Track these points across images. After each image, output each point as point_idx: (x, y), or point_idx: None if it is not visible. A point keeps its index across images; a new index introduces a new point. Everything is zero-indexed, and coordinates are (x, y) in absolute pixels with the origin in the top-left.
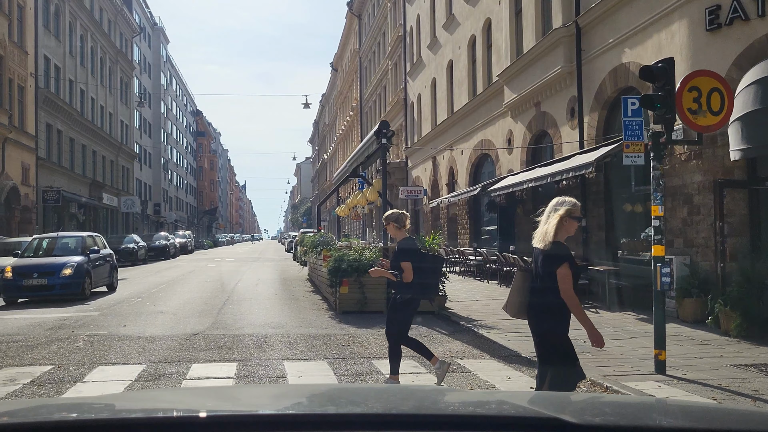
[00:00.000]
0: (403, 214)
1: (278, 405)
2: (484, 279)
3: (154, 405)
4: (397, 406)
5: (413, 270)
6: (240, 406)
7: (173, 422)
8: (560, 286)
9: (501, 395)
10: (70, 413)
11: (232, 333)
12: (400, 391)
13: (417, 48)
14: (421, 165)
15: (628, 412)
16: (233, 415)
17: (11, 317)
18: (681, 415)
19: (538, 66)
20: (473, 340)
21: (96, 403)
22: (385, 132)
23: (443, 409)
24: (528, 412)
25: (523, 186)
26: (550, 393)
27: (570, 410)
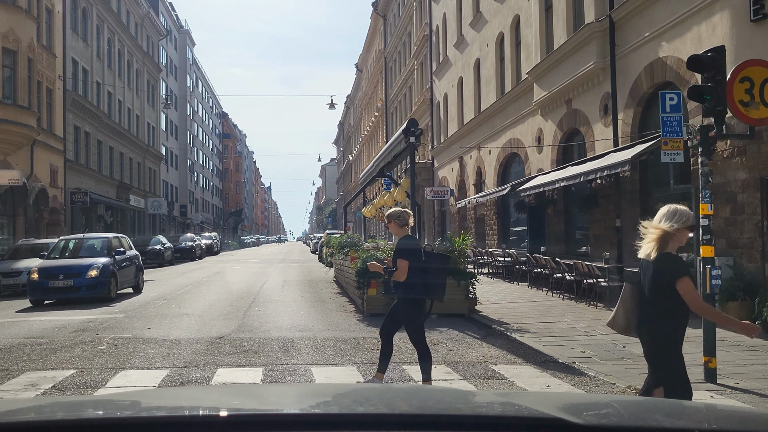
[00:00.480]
0: (406, 212)
1: (280, 404)
2: (513, 281)
3: (178, 403)
4: (399, 406)
5: (413, 270)
6: (247, 405)
7: (186, 422)
8: (688, 300)
9: (504, 395)
10: (96, 410)
11: (258, 336)
12: (401, 390)
13: (443, 47)
14: (448, 165)
15: (630, 413)
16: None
17: (37, 319)
18: (683, 416)
19: (570, 62)
20: (507, 344)
21: (122, 400)
22: (413, 130)
23: (446, 410)
24: (530, 412)
25: (555, 185)
26: (552, 392)
27: (572, 410)
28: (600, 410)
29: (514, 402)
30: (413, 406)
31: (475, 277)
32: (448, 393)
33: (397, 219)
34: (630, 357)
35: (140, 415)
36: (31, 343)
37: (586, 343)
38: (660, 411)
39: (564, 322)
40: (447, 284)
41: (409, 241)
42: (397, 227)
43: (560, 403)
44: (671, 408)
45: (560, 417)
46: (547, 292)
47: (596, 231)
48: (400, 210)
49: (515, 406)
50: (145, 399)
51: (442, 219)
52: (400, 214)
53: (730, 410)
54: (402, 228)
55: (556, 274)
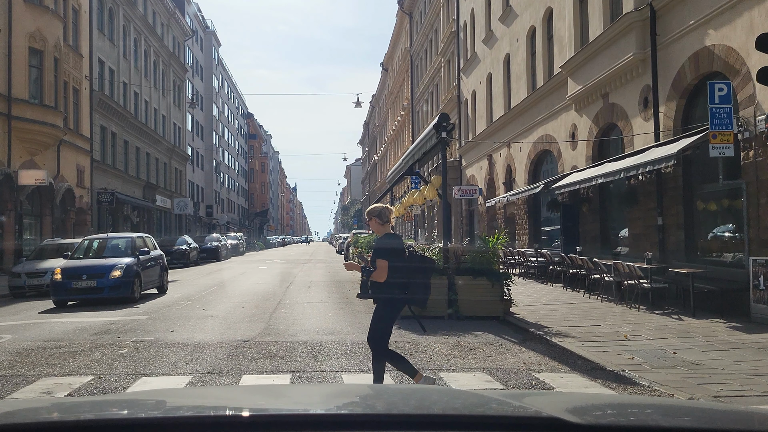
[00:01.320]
0: (387, 209)
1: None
2: (547, 282)
3: (203, 402)
4: (397, 405)
5: (394, 270)
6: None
7: (211, 422)
8: None
9: (502, 395)
10: (120, 410)
11: (284, 340)
12: (399, 390)
13: (471, 43)
14: (476, 163)
15: (629, 412)
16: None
17: (58, 320)
18: (683, 415)
19: (606, 55)
20: (547, 349)
21: (147, 400)
22: (444, 125)
23: (444, 409)
24: (528, 411)
25: (592, 182)
26: (551, 392)
27: (571, 410)
28: (599, 409)
29: (512, 402)
30: (410, 405)
31: (510, 278)
32: (442, 392)
33: (378, 216)
34: (683, 364)
35: (166, 415)
36: (51, 347)
37: (632, 349)
38: (660, 411)
39: (606, 326)
40: (480, 285)
41: (389, 240)
42: (378, 225)
43: (559, 403)
44: (672, 407)
45: (559, 417)
46: (584, 294)
47: (635, 230)
48: (380, 206)
49: (514, 405)
50: (170, 398)
51: (470, 218)
52: (381, 210)
53: (730, 410)
54: (383, 226)
55: (593, 275)
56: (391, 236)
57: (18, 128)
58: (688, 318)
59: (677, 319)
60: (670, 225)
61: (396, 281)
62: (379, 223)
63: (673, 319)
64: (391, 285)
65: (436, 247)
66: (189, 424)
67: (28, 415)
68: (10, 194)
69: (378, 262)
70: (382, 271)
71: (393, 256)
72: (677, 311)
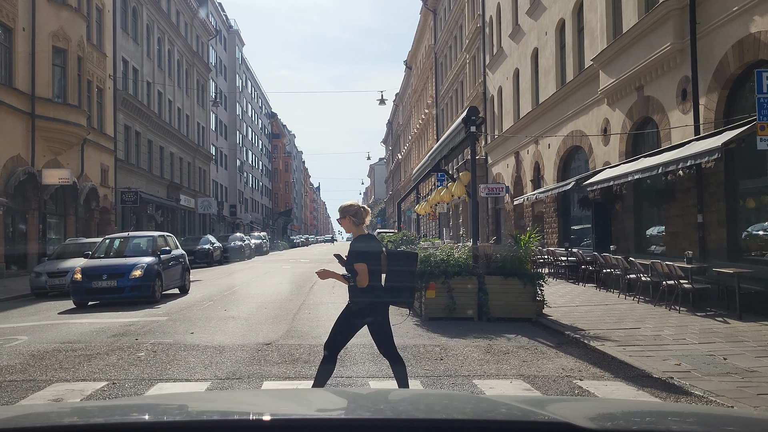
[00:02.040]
0: (364, 209)
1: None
2: (578, 281)
3: (228, 407)
4: (407, 411)
5: (374, 274)
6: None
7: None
8: None
9: (511, 399)
10: (142, 415)
11: (308, 343)
12: (406, 395)
13: (497, 38)
14: (503, 161)
15: (640, 418)
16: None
17: (77, 321)
18: (695, 421)
19: (641, 46)
20: (586, 354)
21: (170, 404)
22: (474, 119)
23: (453, 414)
24: (538, 416)
25: (627, 178)
26: (562, 398)
27: (581, 415)
28: (609, 415)
29: (521, 407)
30: (420, 410)
31: (543, 278)
32: (451, 397)
33: (354, 216)
34: (736, 371)
35: (188, 419)
36: (66, 349)
37: (678, 354)
38: (672, 416)
39: (646, 329)
40: (511, 286)
41: (365, 242)
42: (352, 225)
43: (569, 408)
44: (684, 413)
45: (569, 422)
46: (619, 295)
47: (673, 228)
48: (357, 205)
49: (524, 410)
50: (192, 402)
51: (496, 217)
52: (357, 210)
53: (744, 416)
54: (358, 226)
55: (629, 275)
56: (366, 237)
57: (41, 127)
58: (734, 321)
59: (722, 321)
60: (710, 222)
61: (377, 285)
62: (354, 223)
63: (718, 321)
64: (373, 290)
65: (465, 246)
66: (200, 428)
67: (38, 419)
68: (33, 194)
69: (357, 266)
70: (363, 275)
71: (371, 258)
72: (721, 313)
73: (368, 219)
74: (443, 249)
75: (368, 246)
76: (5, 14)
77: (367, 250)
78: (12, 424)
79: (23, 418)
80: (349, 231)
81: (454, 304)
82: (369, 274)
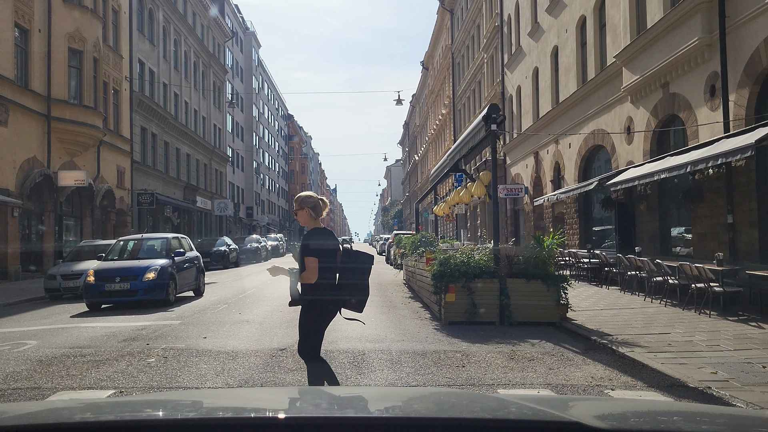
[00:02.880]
0: (322, 201)
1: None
2: (601, 284)
3: (243, 404)
4: (416, 409)
5: (326, 271)
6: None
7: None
8: None
9: (521, 398)
10: (155, 411)
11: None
12: (417, 394)
13: (516, 37)
14: (522, 161)
15: (651, 418)
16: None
17: (88, 325)
18: (706, 422)
19: (667, 41)
20: (615, 361)
21: (183, 400)
22: (494, 117)
23: (463, 413)
24: (548, 416)
25: (654, 177)
26: (573, 397)
27: (592, 415)
28: (621, 414)
29: (532, 406)
30: (430, 409)
31: (567, 281)
32: (461, 396)
33: (313, 208)
34: None
35: (205, 416)
36: (75, 354)
37: (713, 362)
38: (683, 416)
39: (677, 334)
40: (534, 289)
41: (320, 235)
42: (310, 218)
43: (580, 408)
44: (695, 414)
45: (580, 421)
46: (645, 298)
47: (701, 229)
48: (315, 197)
49: (534, 410)
50: (209, 399)
51: (515, 218)
52: (316, 202)
53: (759, 415)
54: (315, 220)
55: (655, 278)
56: (321, 231)
57: (57, 129)
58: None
59: (756, 326)
60: (741, 223)
61: (329, 282)
62: (312, 216)
63: (752, 326)
64: (323, 287)
65: (486, 248)
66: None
67: (50, 416)
68: (49, 195)
69: (307, 260)
70: (312, 271)
71: (325, 254)
72: (755, 318)
73: (326, 212)
74: (463, 251)
75: (323, 241)
76: (21, 16)
77: (322, 245)
78: (25, 421)
79: (35, 415)
80: (305, 223)
81: (475, 308)
82: (323, 271)
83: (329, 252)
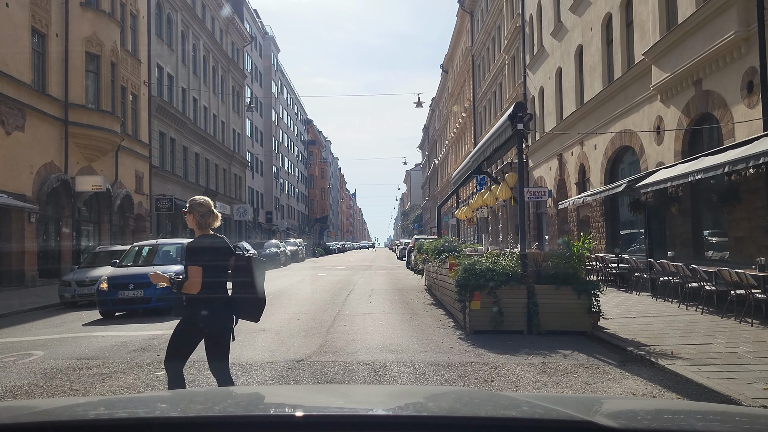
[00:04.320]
0: (213, 214)
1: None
2: (631, 290)
3: (262, 402)
4: (428, 408)
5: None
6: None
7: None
8: None
9: (533, 397)
10: (169, 409)
11: (343, 360)
12: (428, 392)
13: (538, 37)
14: (545, 164)
15: (664, 416)
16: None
17: (99, 334)
18: (720, 421)
19: (699, 36)
20: (656, 375)
21: (196, 397)
22: (521, 116)
23: (474, 411)
24: (561, 415)
25: (688, 179)
26: (584, 396)
27: (604, 413)
28: (633, 413)
29: (544, 405)
30: (441, 407)
31: (599, 287)
32: (473, 395)
33: (202, 216)
34: None
35: (221, 414)
36: (82, 366)
37: (763, 376)
38: (696, 415)
39: (719, 345)
40: (564, 296)
41: (207, 240)
42: (196, 224)
43: (591, 406)
44: (709, 412)
45: (592, 420)
46: (680, 305)
47: (738, 232)
48: (208, 206)
49: (546, 408)
50: (222, 398)
51: (538, 222)
52: (207, 212)
53: None
54: (202, 228)
55: (690, 283)
56: (209, 238)
57: (75, 134)
58: None
59: None
60: None
61: (223, 292)
62: (199, 224)
63: None
64: (197, 301)
65: (512, 252)
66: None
67: (65, 413)
68: (67, 201)
69: (190, 269)
70: (195, 280)
71: (211, 261)
72: None
73: (217, 223)
74: (489, 256)
75: (209, 245)
76: (38, 20)
77: (209, 248)
78: (39, 418)
79: (50, 412)
80: (194, 228)
81: (502, 316)
82: (210, 279)
83: (218, 257)
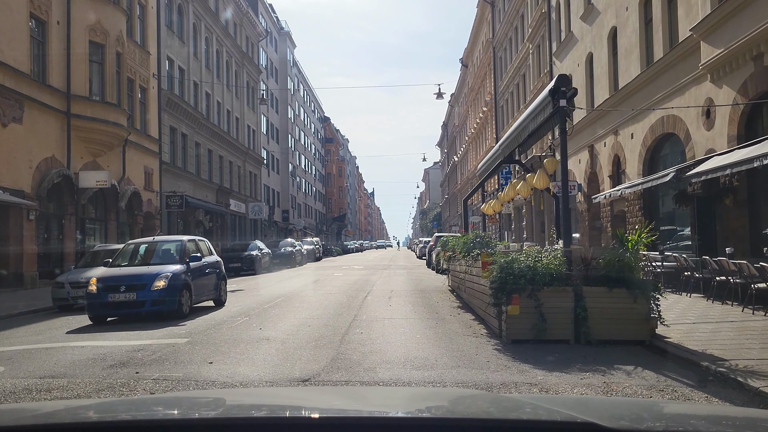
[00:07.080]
0: None
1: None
2: (680, 291)
3: (266, 402)
4: (431, 409)
5: None
6: None
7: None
8: None
9: (535, 399)
10: (171, 410)
11: (358, 378)
12: (433, 394)
13: (566, 23)
14: (574, 156)
15: (666, 418)
16: None
17: (78, 344)
18: (722, 422)
19: (758, 6)
20: (751, 402)
21: (202, 398)
22: (564, 90)
23: (478, 413)
24: (563, 416)
25: (752, 164)
26: (588, 397)
27: (607, 415)
28: (636, 415)
29: (546, 406)
30: (445, 409)
31: (660, 289)
32: (475, 397)
33: None
34: None
35: (237, 415)
36: (42, 388)
37: None
38: (698, 417)
39: None
40: (618, 299)
41: None
42: None
43: (595, 408)
44: (711, 414)
45: (595, 422)
46: (743, 308)
47: None
48: None
49: (549, 410)
50: (232, 397)
51: None
52: None
53: None
54: None
55: (758, 284)
56: None
57: (78, 127)
58: None
59: None
60: None
61: None
62: None
63: None
64: None
65: (555, 249)
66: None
67: (67, 416)
68: (70, 197)
69: None
70: None
71: None
72: None
73: None
74: (528, 253)
75: None
76: (38, 7)
77: None
78: (42, 420)
79: (53, 414)
80: None
81: (544, 323)
82: None
83: None
